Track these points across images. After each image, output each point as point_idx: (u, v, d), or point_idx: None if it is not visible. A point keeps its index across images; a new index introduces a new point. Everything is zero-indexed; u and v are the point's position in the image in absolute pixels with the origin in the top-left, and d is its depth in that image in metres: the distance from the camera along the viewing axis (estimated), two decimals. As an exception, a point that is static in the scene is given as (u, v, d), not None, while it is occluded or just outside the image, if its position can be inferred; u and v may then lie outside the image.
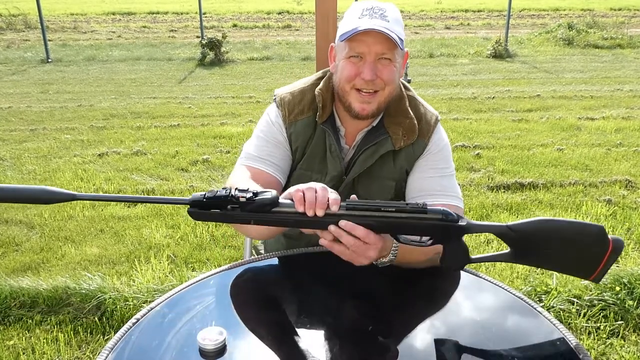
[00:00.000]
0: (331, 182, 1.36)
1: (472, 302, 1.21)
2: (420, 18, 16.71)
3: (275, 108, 1.40)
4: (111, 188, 3.90)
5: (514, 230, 1.05)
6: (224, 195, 0.99)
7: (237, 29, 14.30)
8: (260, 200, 0.99)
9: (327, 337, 1.09)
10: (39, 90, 7.27)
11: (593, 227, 1.03)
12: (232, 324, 1.11)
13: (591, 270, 1.05)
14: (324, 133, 1.35)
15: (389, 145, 1.34)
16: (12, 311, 2.40)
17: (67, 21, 15.65)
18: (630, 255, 2.87)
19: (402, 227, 1.03)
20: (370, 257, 1.05)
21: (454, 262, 1.09)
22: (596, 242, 1.03)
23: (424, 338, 1.08)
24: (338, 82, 1.30)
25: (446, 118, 5.62)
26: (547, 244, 1.04)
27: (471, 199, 3.64)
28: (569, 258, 1.05)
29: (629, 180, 3.89)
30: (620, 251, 1.04)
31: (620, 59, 9.09)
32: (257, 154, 1.36)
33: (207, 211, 1.00)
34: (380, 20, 1.22)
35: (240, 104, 6.42)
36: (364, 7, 1.26)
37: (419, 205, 1.01)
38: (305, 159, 1.39)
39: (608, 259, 1.03)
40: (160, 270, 2.72)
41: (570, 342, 1.05)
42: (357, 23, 1.23)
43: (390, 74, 1.26)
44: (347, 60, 1.26)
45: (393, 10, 1.28)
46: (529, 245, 1.05)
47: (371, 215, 1.01)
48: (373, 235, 1.02)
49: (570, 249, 1.04)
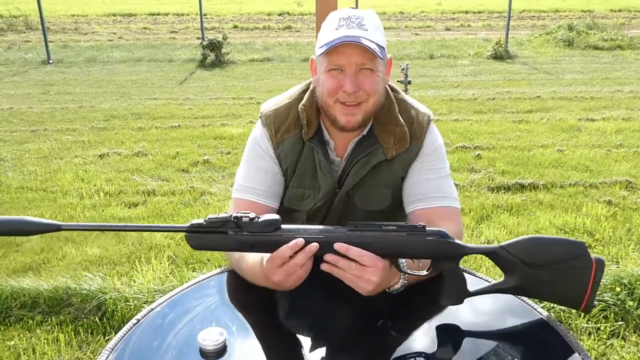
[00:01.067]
0: (324, 197, 1.33)
1: (472, 303, 1.21)
2: (420, 19, 16.72)
3: (261, 127, 1.35)
4: (112, 189, 3.90)
5: (507, 250, 1.06)
6: (225, 218, 0.98)
7: (237, 30, 14.33)
8: (263, 221, 0.99)
9: (327, 338, 1.09)
10: (40, 91, 7.28)
11: (576, 243, 1.06)
12: (232, 324, 1.11)
13: (581, 297, 1.06)
14: (312, 149, 1.31)
15: (381, 156, 1.30)
16: (12, 311, 2.40)
17: (68, 22, 15.69)
18: (631, 255, 2.87)
19: (401, 247, 1.03)
20: (372, 281, 1.01)
21: (454, 295, 1.08)
22: (579, 257, 1.05)
23: (423, 339, 1.08)
24: (321, 97, 1.26)
25: (446, 119, 5.63)
26: (538, 262, 1.05)
27: (471, 199, 3.64)
28: (558, 281, 1.06)
29: (629, 181, 3.89)
30: (603, 269, 1.05)
31: (620, 60, 9.10)
32: (247, 184, 1.33)
33: (207, 236, 0.98)
34: (358, 30, 1.18)
35: (240, 105, 6.43)
36: (340, 17, 1.21)
37: (418, 224, 1.03)
38: (296, 177, 1.35)
39: (594, 280, 1.05)
40: (161, 271, 2.72)
41: (570, 342, 1.06)
42: (334, 34, 1.18)
43: (372, 84, 1.21)
44: (327, 74, 1.21)
45: (371, 17, 1.23)
46: (520, 266, 1.06)
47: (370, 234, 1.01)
48: (368, 256, 0.99)
49: (558, 268, 1.05)
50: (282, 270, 1.00)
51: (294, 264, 0.99)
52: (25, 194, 3.83)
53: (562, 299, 1.11)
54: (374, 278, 1.01)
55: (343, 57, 1.18)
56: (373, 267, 1.00)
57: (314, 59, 1.29)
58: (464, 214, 3.41)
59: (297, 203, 1.36)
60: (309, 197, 1.35)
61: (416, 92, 6.74)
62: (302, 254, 0.98)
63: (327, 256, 1.00)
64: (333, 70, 1.21)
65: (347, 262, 1.00)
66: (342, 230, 1.01)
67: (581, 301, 1.07)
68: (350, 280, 1.02)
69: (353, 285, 1.03)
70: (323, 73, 1.23)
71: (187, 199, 3.74)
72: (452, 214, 1.30)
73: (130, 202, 3.69)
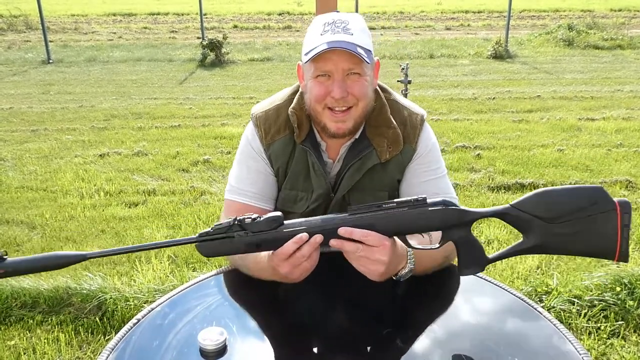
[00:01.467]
0: (318, 199, 1.33)
1: (472, 303, 1.21)
2: (420, 19, 16.72)
3: (252, 128, 1.35)
4: (112, 188, 3.91)
5: (518, 208, 1.00)
6: (230, 223, 1.00)
7: (237, 30, 14.32)
8: (267, 218, 1.00)
9: (327, 338, 1.09)
10: (40, 91, 7.28)
11: (592, 188, 0.98)
12: (232, 324, 1.11)
13: (612, 246, 0.97)
14: (305, 151, 1.31)
15: (375, 159, 1.29)
16: (13, 311, 2.40)
17: (68, 22, 15.69)
18: (631, 255, 2.87)
19: (405, 223, 1.01)
20: (382, 260, 1.01)
21: (472, 264, 1.04)
22: (600, 202, 0.97)
23: (424, 339, 1.08)
24: (309, 103, 1.25)
25: (446, 119, 5.63)
26: (555, 215, 0.98)
27: (472, 199, 3.64)
28: (583, 231, 0.98)
29: (629, 180, 3.89)
30: (630, 210, 0.96)
31: (620, 60, 9.09)
32: (239, 185, 1.33)
33: (216, 241, 1.00)
34: (343, 34, 1.16)
35: (240, 104, 6.43)
36: (325, 22, 1.19)
37: (419, 198, 1.01)
38: (288, 179, 1.34)
39: (622, 226, 0.96)
40: (161, 271, 2.72)
41: (570, 342, 1.06)
42: (319, 40, 1.17)
43: (361, 88, 1.20)
44: (314, 81, 1.20)
45: (356, 20, 1.21)
46: (538, 223, 1.00)
47: (373, 215, 1.00)
48: (374, 235, 0.99)
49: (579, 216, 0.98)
50: (288, 263, 1.01)
51: (300, 256, 1.00)
52: (26, 194, 3.83)
53: (591, 250, 1.02)
54: (383, 257, 1.00)
55: (330, 64, 1.17)
56: (380, 245, 1.00)
57: (301, 65, 1.27)
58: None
59: (290, 205, 1.36)
60: (302, 200, 1.34)
61: (416, 92, 6.74)
62: (307, 245, 0.99)
63: (332, 241, 1.00)
64: (320, 77, 1.20)
65: (353, 244, 1.00)
66: (343, 216, 1.01)
67: (614, 249, 0.97)
68: (361, 263, 1.02)
69: (364, 270, 1.03)
70: (310, 80, 1.22)
71: (187, 198, 3.74)
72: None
73: (131, 202, 3.69)
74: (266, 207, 1.34)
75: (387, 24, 14.93)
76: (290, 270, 1.02)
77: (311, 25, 1.24)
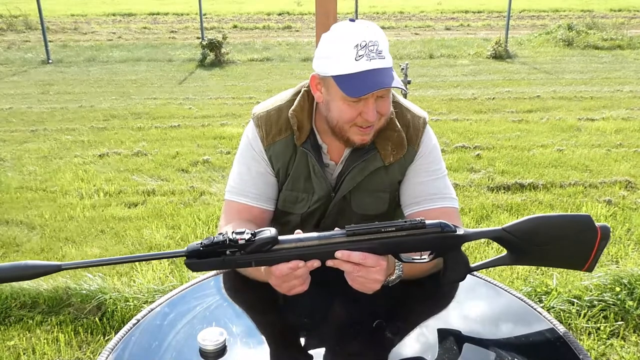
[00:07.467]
0: (319, 201, 1.33)
1: (472, 304, 1.21)
2: (420, 19, 16.72)
3: (253, 128, 1.34)
4: (112, 188, 3.90)
5: (510, 232, 1.06)
6: (221, 241, 0.95)
7: (237, 30, 14.32)
8: (260, 240, 0.97)
9: (327, 338, 1.09)
10: (39, 91, 7.28)
11: (581, 217, 1.06)
12: (232, 324, 1.11)
13: (583, 261, 1.08)
14: (305, 153, 1.30)
15: (379, 162, 1.29)
16: (12, 312, 2.40)
17: (68, 22, 15.67)
18: (630, 255, 2.87)
19: (403, 246, 1.03)
20: (378, 279, 1.03)
21: (455, 275, 1.09)
22: (585, 231, 1.05)
23: (424, 339, 1.08)
24: (335, 122, 1.22)
25: (446, 119, 5.63)
26: (542, 241, 1.06)
27: (471, 199, 3.64)
28: (562, 252, 1.08)
29: (629, 180, 3.89)
30: (609, 237, 1.06)
31: (620, 60, 9.10)
32: (239, 186, 1.32)
33: (206, 260, 0.96)
34: (378, 60, 1.14)
35: (240, 104, 6.43)
36: (357, 44, 1.13)
37: (417, 221, 1.02)
38: (289, 179, 1.34)
39: (598, 247, 1.06)
40: (161, 271, 2.72)
41: (570, 342, 1.06)
42: (355, 67, 1.13)
43: (388, 106, 1.22)
44: (345, 103, 1.17)
45: (381, 37, 1.16)
46: (525, 245, 1.07)
47: (372, 238, 1.01)
48: (371, 257, 1.00)
49: (563, 243, 1.06)
50: (281, 281, 1.02)
51: (293, 276, 1.01)
52: (25, 194, 3.83)
53: (563, 263, 1.13)
54: (379, 276, 1.03)
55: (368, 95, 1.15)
56: (377, 266, 1.01)
57: (319, 77, 1.22)
58: (464, 214, 3.41)
59: (290, 206, 1.36)
60: (302, 201, 1.34)
61: (416, 92, 6.74)
62: (303, 269, 1.00)
63: (329, 262, 1.01)
64: (351, 101, 1.17)
65: (350, 265, 1.01)
66: (340, 236, 1.00)
67: (584, 265, 1.08)
68: (357, 282, 1.04)
69: (360, 288, 1.05)
70: (339, 100, 1.18)
71: (186, 198, 3.74)
72: (451, 214, 1.30)
73: (130, 202, 3.69)
74: (266, 208, 1.34)
75: (386, 24, 14.93)
76: (279, 286, 1.04)
77: (337, 42, 1.16)
